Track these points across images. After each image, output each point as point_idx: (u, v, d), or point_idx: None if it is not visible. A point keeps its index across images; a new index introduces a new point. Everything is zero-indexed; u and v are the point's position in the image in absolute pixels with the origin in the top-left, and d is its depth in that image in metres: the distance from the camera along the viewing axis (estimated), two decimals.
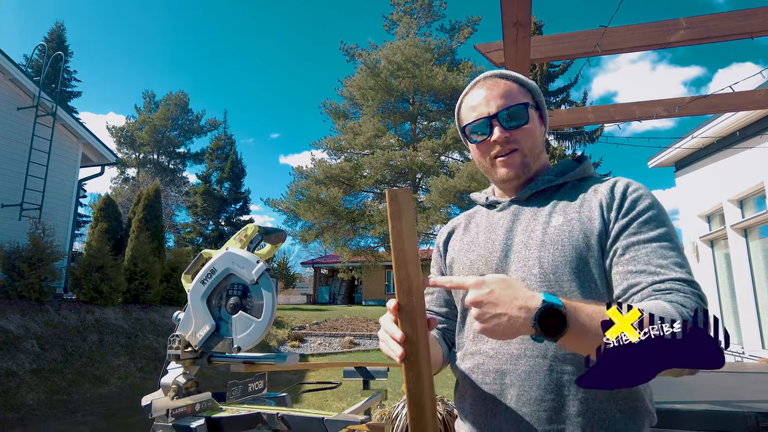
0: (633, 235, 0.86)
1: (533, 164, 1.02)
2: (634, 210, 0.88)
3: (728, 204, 6.80)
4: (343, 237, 19.03)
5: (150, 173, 30.64)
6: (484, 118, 0.99)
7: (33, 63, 21.47)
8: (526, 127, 0.99)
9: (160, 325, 9.43)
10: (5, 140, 8.97)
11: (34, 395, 5.87)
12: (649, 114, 3.71)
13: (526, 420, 0.85)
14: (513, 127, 0.98)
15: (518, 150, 0.99)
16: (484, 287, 0.72)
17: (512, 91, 1.00)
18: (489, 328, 0.71)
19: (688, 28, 2.67)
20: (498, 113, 0.98)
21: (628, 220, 0.87)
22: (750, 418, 1.98)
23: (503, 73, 1.04)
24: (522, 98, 1.00)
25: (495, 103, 0.98)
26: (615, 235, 0.88)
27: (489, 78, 1.04)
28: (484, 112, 0.99)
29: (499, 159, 1.00)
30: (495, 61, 2.84)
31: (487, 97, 1.00)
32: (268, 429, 1.27)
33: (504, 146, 0.99)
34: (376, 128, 19.02)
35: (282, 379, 6.97)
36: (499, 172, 1.01)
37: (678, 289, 0.78)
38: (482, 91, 1.02)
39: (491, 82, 1.02)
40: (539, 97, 1.05)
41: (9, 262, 7.65)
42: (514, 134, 0.98)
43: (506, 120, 0.98)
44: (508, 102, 0.98)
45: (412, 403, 0.73)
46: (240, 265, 1.38)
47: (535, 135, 1.01)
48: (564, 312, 0.68)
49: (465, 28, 21.10)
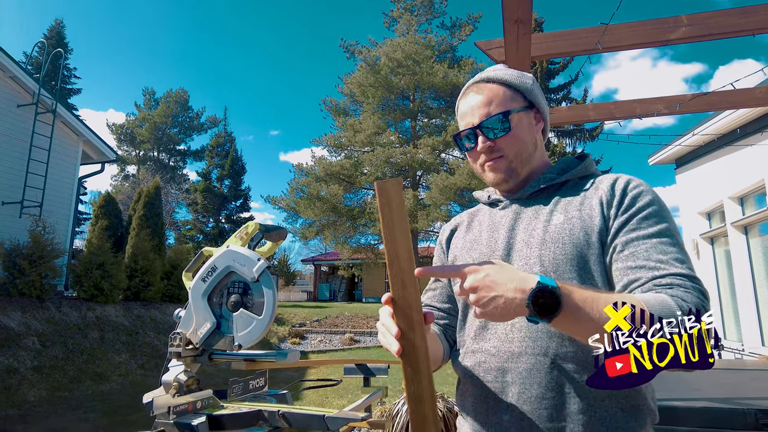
0: (633, 231, 0.86)
1: (521, 168, 1.02)
2: (635, 206, 0.88)
3: (729, 201, 6.80)
4: (343, 234, 19.04)
5: (150, 170, 30.64)
6: (470, 128, 1.01)
7: (33, 60, 21.45)
8: (510, 134, 0.99)
9: (161, 323, 9.45)
10: (5, 138, 8.96)
11: (36, 392, 5.88)
12: (650, 111, 3.71)
13: (527, 418, 0.86)
14: (497, 136, 0.99)
15: (503, 156, 1.01)
16: (480, 272, 0.74)
17: (496, 97, 1.00)
18: (487, 312, 0.73)
19: (689, 25, 2.66)
20: (480, 124, 1.00)
21: (628, 216, 0.88)
22: (750, 415, 1.98)
23: (490, 76, 1.04)
24: (507, 104, 1.00)
25: (478, 112, 1.00)
26: (615, 231, 0.88)
27: (476, 84, 1.05)
28: (469, 122, 1.02)
29: (486, 165, 1.03)
30: (496, 58, 2.84)
31: (473, 107, 1.01)
32: (270, 426, 1.28)
33: (489, 155, 1.01)
34: (376, 125, 19.00)
35: (282, 377, 6.99)
36: (488, 176, 1.04)
37: (679, 284, 0.78)
38: (470, 98, 1.03)
39: (476, 89, 1.03)
40: (531, 95, 1.03)
41: (10, 260, 7.66)
42: (498, 143, 1.00)
43: (489, 129, 0.99)
44: (490, 111, 0.99)
45: (412, 398, 0.73)
46: (241, 263, 1.38)
47: (521, 139, 1.00)
48: (558, 293, 0.70)
49: (466, 25, 21.05)
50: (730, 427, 1.97)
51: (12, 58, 9.12)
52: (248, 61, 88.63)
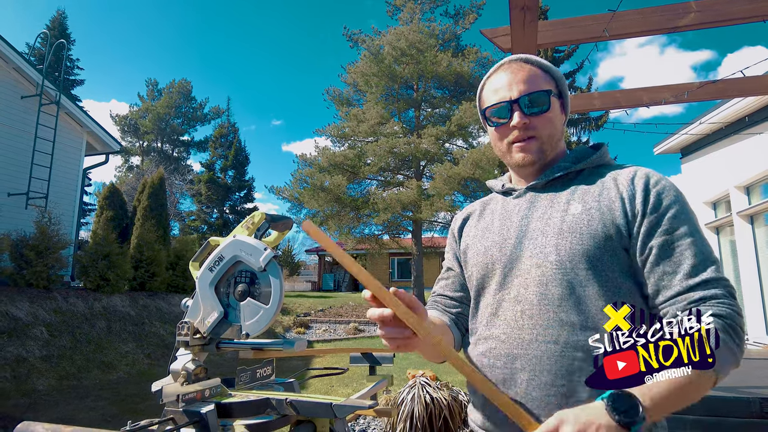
0: (665, 233, 0.86)
1: (550, 152, 1.01)
2: (662, 204, 0.89)
3: (735, 191, 6.75)
4: (347, 225, 19.03)
5: (154, 161, 30.67)
6: (506, 102, 0.99)
7: (35, 52, 21.40)
8: (547, 114, 0.98)
9: (167, 313, 9.53)
10: (10, 129, 8.98)
11: (45, 381, 5.96)
12: (657, 100, 3.67)
13: (536, 404, 0.86)
14: (533, 113, 0.98)
15: (536, 137, 0.99)
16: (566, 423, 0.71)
17: (536, 77, 0.99)
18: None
19: (698, 11, 2.62)
20: (519, 98, 0.98)
21: (657, 216, 0.88)
22: (754, 403, 1.99)
23: (529, 58, 1.03)
24: (545, 85, 0.99)
25: (517, 87, 0.98)
26: (647, 231, 0.88)
27: (514, 62, 1.03)
28: (505, 96, 0.99)
29: (516, 144, 1.00)
30: (502, 46, 2.81)
31: (510, 81, 0.99)
32: (277, 414, 1.29)
33: (522, 132, 0.99)
34: (379, 115, 18.88)
35: (288, 366, 7.04)
36: (515, 157, 1.01)
37: (712, 296, 0.81)
38: (506, 74, 1.01)
39: (516, 66, 1.01)
40: (563, 85, 1.03)
41: (17, 251, 7.73)
42: (533, 121, 0.98)
43: (527, 106, 0.98)
44: (530, 88, 0.98)
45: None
46: (248, 253, 1.39)
47: (554, 123, 1.00)
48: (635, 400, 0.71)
49: (470, 13, 20.80)
50: (735, 415, 1.97)
51: (15, 49, 9.11)
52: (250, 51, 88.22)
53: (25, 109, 9.29)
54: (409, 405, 3.56)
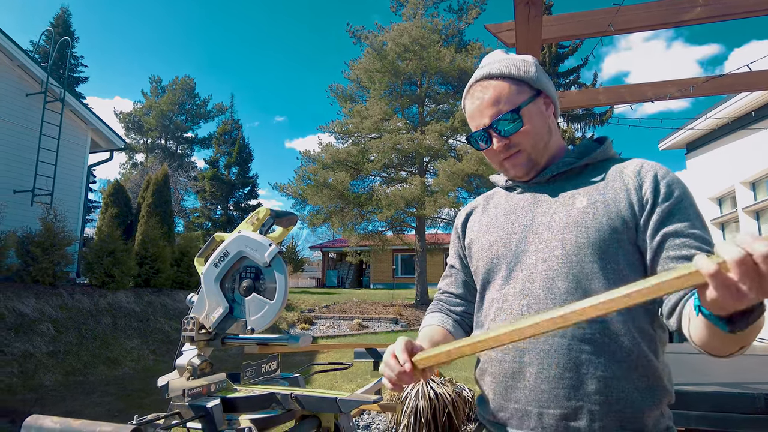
0: (680, 221, 0.87)
1: (540, 158, 1.02)
2: (673, 195, 0.89)
3: (740, 186, 6.70)
4: (351, 221, 19.03)
5: (158, 158, 30.77)
6: (481, 130, 1.01)
7: (40, 49, 21.48)
8: (524, 128, 0.98)
9: (171, 309, 9.58)
10: (15, 127, 9.02)
11: (51, 376, 6.01)
12: (662, 95, 3.64)
13: (544, 397, 0.87)
14: (510, 133, 0.98)
15: (521, 151, 1.00)
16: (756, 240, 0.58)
17: (502, 94, 0.99)
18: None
19: (704, 5, 2.60)
20: (492, 124, 0.99)
21: (670, 205, 0.88)
22: (759, 399, 1.98)
23: (492, 72, 1.01)
24: (515, 98, 0.98)
25: (488, 112, 0.99)
26: (658, 221, 0.88)
27: (479, 82, 1.03)
28: (479, 123, 1.01)
29: (506, 161, 1.03)
30: (506, 41, 2.80)
31: (479, 108, 1.01)
32: (282, 409, 1.29)
33: (506, 151, 1.01)
34: (383, 111, 18.84)
35: (293, 361, 7.07)
36: (509, 172, 1.05)
37: None
38: (474, 99, 1.02)
39: (480, 89, 1.02)
40: (537, 82, 1.01)
41: (23, 247, 7.78)
42: (513, 139, 0.99)
43: (501, 129, 0.98)
44: (499, 110, 0.98)
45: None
46: (253, 248, 1.39)
47: (535, 131, 1.00)
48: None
49: (473, 8, 20.70)
50: (739, 410, 1.97)
51: (20, 46, 9.13)
52: (253, 47, 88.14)
53: (30, 106, 9.32)
54: (413, 400, 3.57)
